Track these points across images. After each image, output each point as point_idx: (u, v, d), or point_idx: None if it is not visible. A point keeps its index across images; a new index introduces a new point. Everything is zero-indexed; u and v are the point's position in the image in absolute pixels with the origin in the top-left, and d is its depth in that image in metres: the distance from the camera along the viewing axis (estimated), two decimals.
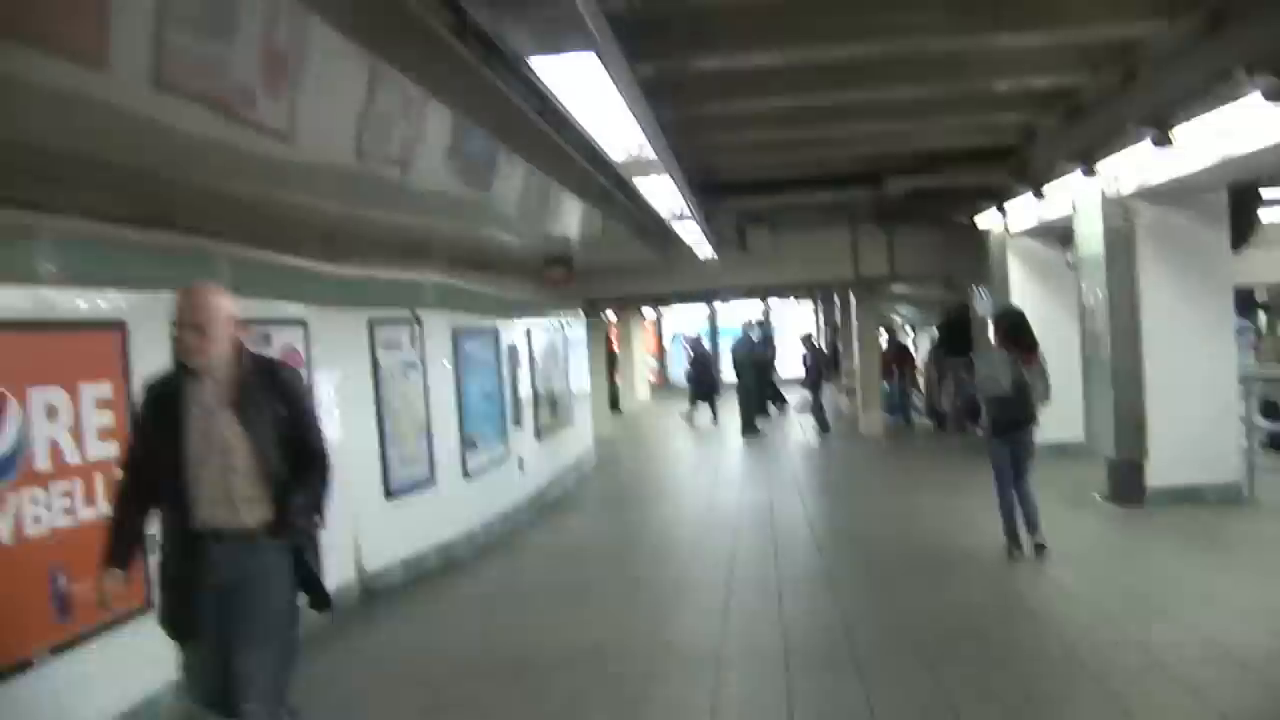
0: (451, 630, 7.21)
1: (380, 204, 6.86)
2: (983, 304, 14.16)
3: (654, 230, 11.53)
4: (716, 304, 29.66)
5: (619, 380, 24.29)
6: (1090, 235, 9.47)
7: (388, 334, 8.50)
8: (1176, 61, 6.58)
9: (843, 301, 20.94)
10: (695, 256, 13.81)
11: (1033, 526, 7.54)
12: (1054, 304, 12.42)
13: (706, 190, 11.55)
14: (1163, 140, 7.14)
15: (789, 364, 22.31)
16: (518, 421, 11.66)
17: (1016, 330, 7.69)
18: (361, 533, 7.91)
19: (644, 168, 7.04)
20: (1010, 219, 12.49)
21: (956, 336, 15.27)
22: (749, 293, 16.02)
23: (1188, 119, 6.88)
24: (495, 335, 11.06)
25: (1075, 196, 9.71)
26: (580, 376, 16.01)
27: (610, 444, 18.00)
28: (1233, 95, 6.14)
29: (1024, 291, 12.72)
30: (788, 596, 7.28)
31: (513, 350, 11.71)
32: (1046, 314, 12.47)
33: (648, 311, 29.92)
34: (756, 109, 8.50)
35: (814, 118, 8.95)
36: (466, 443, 9.83)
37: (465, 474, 9.73)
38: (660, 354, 31.89)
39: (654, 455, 17.73)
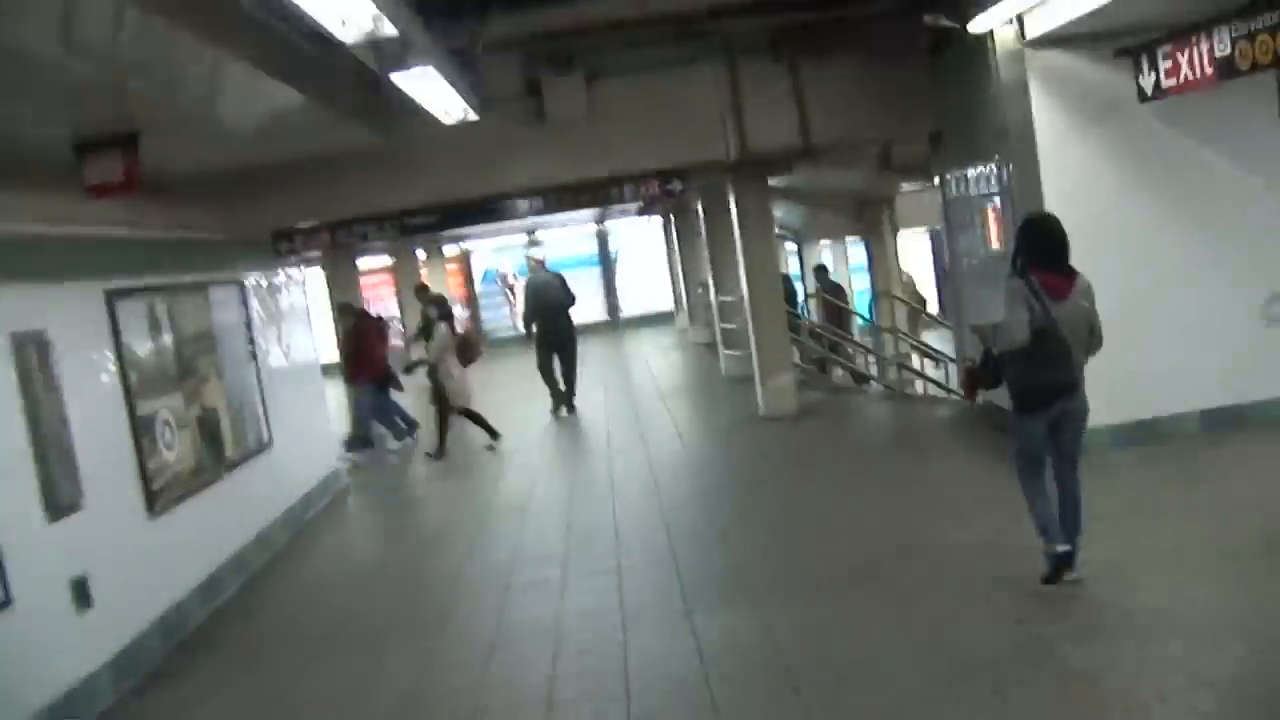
0: None
1: None
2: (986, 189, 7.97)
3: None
4: (537, 232, 22.50)
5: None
6: None
7: None
8: None
9: (708, 206, 14.07)
10: (441, 132, 7.08)
11: (1073, 530, 4.89)
12: (1125, 174, 6.62)
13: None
14: None
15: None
16: None
17: (1042, 244, 4.75)
18: None
19: None
20: (1035, 13, 6.44)
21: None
22: (560, 200, 9.22)
23: None
24: None
25: None
26: (293, 359, 9.33)
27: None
28: None
29: (1059, 159, 6.82)
30: None
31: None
32: (1114, 193, 6.84)
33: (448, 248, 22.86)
34: None
35: None
36: None
37: None
38: (470, 300, 24.57)
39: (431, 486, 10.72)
